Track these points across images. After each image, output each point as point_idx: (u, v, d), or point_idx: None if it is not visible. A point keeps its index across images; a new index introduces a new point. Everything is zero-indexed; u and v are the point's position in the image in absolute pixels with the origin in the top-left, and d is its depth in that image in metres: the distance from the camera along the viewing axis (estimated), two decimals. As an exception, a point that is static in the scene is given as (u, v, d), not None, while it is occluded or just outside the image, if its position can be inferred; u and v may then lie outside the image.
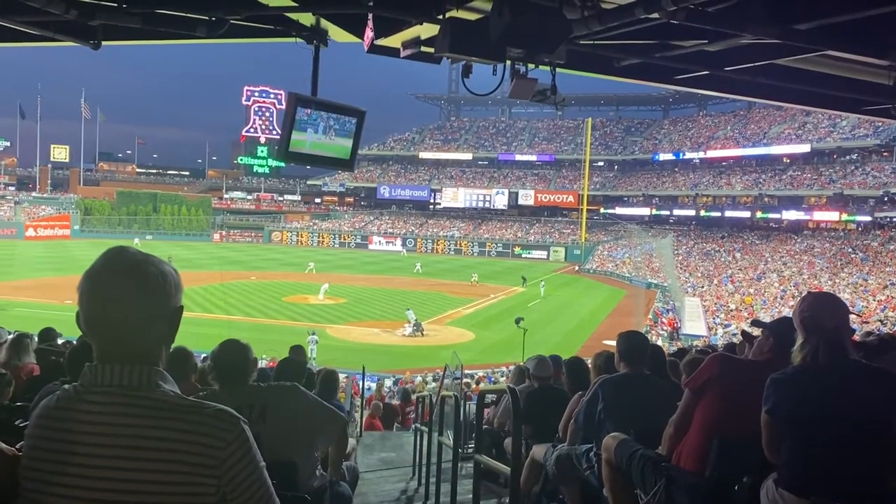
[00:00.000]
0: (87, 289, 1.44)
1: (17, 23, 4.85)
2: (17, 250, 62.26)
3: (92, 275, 1.45)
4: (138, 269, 1.45)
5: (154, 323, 1.46)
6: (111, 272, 1.44)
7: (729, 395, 2.91)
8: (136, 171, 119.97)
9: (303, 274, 53.48)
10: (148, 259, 1.48)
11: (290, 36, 5.26)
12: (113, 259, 1.46)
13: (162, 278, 1.47)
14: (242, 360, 2.98)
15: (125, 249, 1.49)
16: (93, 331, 1.44)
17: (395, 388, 21.33)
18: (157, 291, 1.46)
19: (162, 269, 1.49)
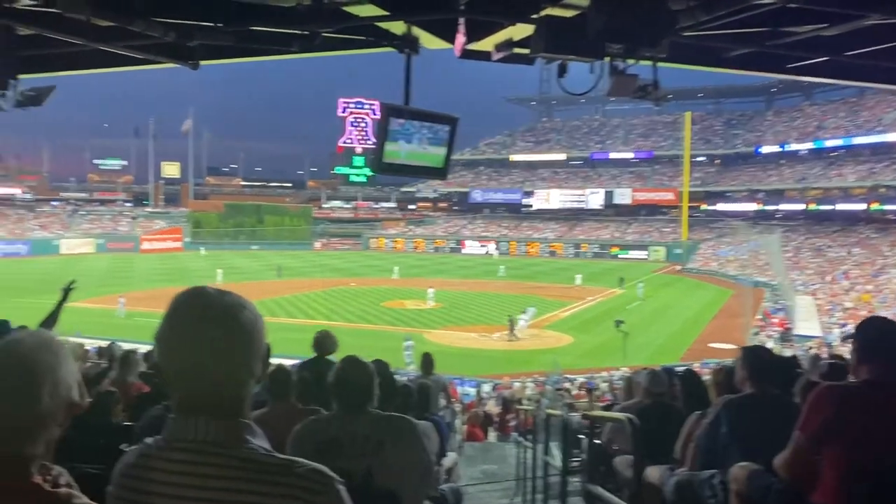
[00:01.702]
0: (170, 337, 1.31)
1: (121, 47, 5.00)
2: (133, 263, 66.11)
3: (176, 321, 1.31)
4: (228, 312, 1.31)
5: (247, 371, 1.33)
6: (198, 317, 1.30)
7: (858, 436, 2.45)
8: (242, 184, 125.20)
9: (401, 279, 54.20)
10: (236, 301, 1.34)
11: (381, 46, 5.18)
12: (198, 302, 1.32)
13: (253, 321, 1.33)
14: (368, 384, 2.79)
15: (206, 291, 1.35)
16: (177, 382, 1.31)
17: (494, 394, 21.16)
18: (250, 336, 1.32)
19: (251, 309, 1.35)
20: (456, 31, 5.17)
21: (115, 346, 6.87)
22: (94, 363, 8.13)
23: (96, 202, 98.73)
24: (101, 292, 43.04)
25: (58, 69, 5.99)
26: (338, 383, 2.76)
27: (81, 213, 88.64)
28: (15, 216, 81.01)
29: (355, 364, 2.83)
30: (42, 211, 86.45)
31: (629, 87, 5.31)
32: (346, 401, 2.74)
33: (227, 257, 72.00)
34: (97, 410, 3.61)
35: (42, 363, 1.31)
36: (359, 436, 2.63)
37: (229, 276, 54.38)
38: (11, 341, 1.34)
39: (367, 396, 2.76)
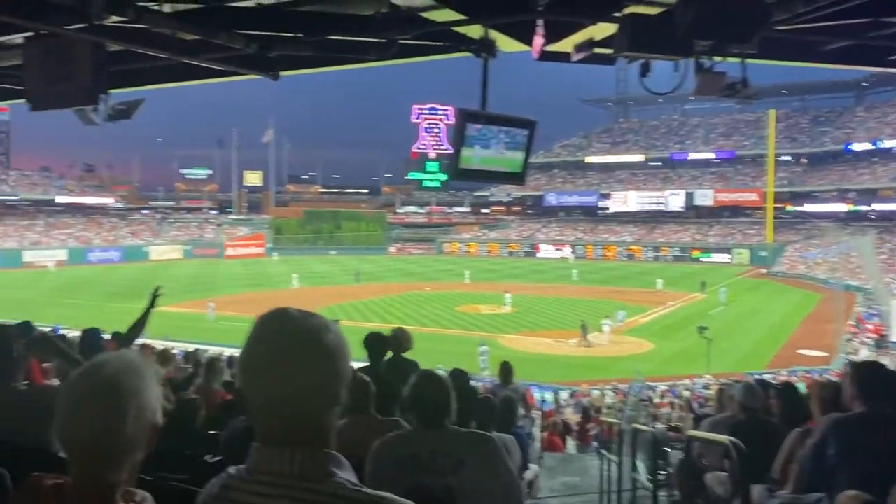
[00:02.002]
0: (252, 363, 1.24)
1: (205, 60, 5.11)
2: (219, 268, 68.42)
3: (257, 346, 1.24)
4: (311, 336, 1.24)
5: (332, 398, 1.25)
6: (280, 342, 1.23)
7: None
8: (320, 191, 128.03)
9: (474, 284, 54.17)
10: (320, 323, 1.27)
11: (458, 51, 5.12)
12: (280, 326, 1.25)
13: (337, 344, 1.26)
14: (445, 399, 2.71)
15: (288, 313, 1.28)
16: (259, 410, 1.25)
17: (571, 401, 20.81)
18: (334, 361, 1.25)
19: (336, 332, 1.28)
20: (534, 32, 5.06)
21: (200, 351, 7.03)
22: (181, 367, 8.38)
23: (183, 210, 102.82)
24: (189, 297, 44.70)
25: (145, 83, 6.19)
26: (415, 399, 2.69)
27: (169, 221, 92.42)
28: (108, 224, 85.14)
29: (432, 379, 2.76)
30: (133, 219, 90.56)
31: (716, 85, 5.08)
32: (424, 417, 2.67)
33: (307, 262, 73.68)
34: (181, 418, 3.67)
35: (127, 387, 1.28)
36: (438, 453, 2.55)
37: (309, 281, 55.60)
38: (96, 364, 1.31)
39: (444, 412, 2.68)
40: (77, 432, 1.25)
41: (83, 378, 1.29)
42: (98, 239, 79.27)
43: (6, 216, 78.64)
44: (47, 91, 4.64)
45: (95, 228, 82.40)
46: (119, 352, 1.36)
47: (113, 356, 1.34)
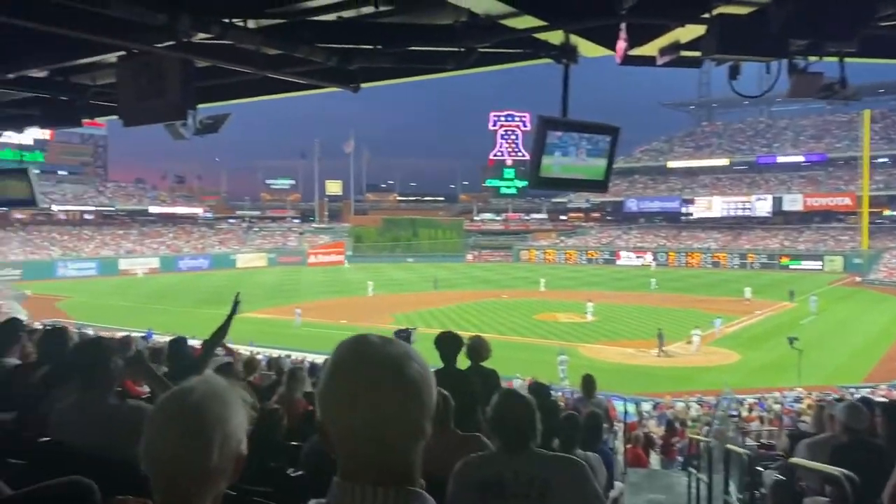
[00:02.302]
0: (331, 393, 1.17)
1: (287, 74, 5.20)
2: (301, 275, 70.14)
3: (336, 376, 1.18)
4: (393, 365, 1.16)
5: (416, 431, 1.18)
6: (360, 372, 1.16)
7: None
8: (398, 199, 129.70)
9: (552, 291, 53.62)
10: (401, 351, 1.19)
11: (538, 57, 5.03)
12: (360, 355, 1.18)
13: (422, 374, 1.18)
14: (530, 420, 2.61)
15: (368, 341, 1.20)
16: (339, 443, 1.17)
17: (655, 413, 20.23)
18: (418, 391, 1.17)
19: (419, 361, 1.20)
20: (617, 37, 4.92)
21: (283, 359, 7.14)
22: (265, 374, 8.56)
23: (268, 219, 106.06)
24: (273, 303, 46.00)
25: (231, 97, 6.36)
26: (498, 419, 2.60)
27: (255, 230, 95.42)
28: (198, 233, 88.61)
29: (516, 399, 2.66)
30: (220, 228, 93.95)
31: (813, 86, 4.81)
32: (508, 438, 2.57)
33: (385, 270, 74.65)
34: (264, 428, 3.70)
35: (213, 415, 1.26)
36: (523, 476, 2.46)
37: (387, 288, 56.29)
38: (183, 390, 1.29)
39: (529, 434, 2.58)
40: (161, 458, 1.24)
41: (169, 403, 1.28)
42: (188, 247, 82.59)
43: (104, 226, 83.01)
44: (139, 107, 4.81)
45: (185, 237, 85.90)
46: (206, 377, 1.33)
47: (199, 382, 1.31)
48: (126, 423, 1.87)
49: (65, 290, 55.63)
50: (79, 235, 78.00)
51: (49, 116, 6.52)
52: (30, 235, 73.74)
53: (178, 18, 3.83)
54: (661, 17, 4.46)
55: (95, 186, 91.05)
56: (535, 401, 2.69)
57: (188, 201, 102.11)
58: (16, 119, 7.31)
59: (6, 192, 8.15)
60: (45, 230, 76.30)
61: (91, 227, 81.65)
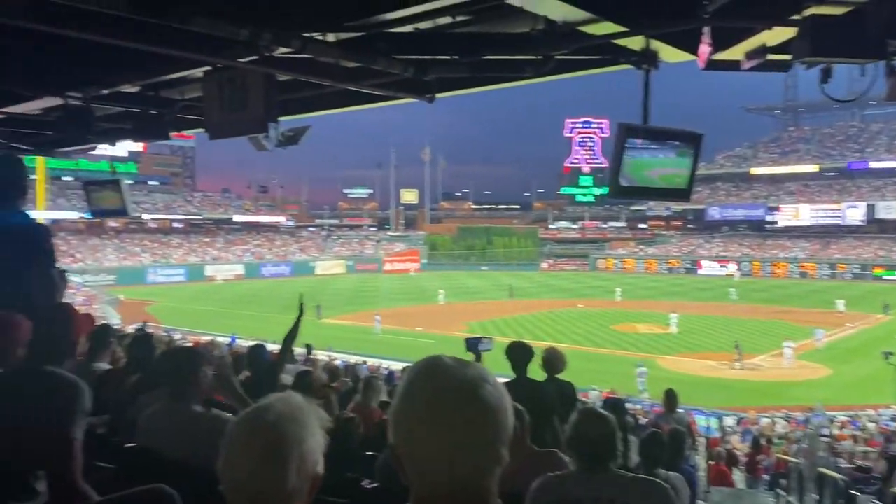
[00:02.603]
0: (403, 417, 1.14)
1: (365, 86, 5.26)
2: (378, 282, 71.15)
3: (409, 399, 1.14)
4: (467, 388, 1.12)
5: (491, 457, 1.13)
6: (433, 395, 1.12)
7: None
8: (472, 207, 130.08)
9: (628, 301, 52.56)
10: (476, 374, 1.14)
11: (617, 64, 4.92)
12: (433, 377, 1.14)
13: (497, 397, 1.13)
14: (610, 441, 2.53)
15: (442, 363, 1.16)
16: (414, 470, 1.14)
17: (738, 429, 19.48)
18: (494, 416, 1.12)
19: (494, 383, 1.15)
20: (699, 41, 4.77)
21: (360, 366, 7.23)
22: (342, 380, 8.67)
23: (346, 227, 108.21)
24: (351, 309, 46.81)
25: (311, 110, 6.49)
26: (576, 439, 2.52)
27: (333, 238, 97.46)
28: (280, 241, 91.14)
29: (594, 417, 2.57)
30: (301, 236, 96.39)
31: (914, 88, 4.54)
32: (587, 459, 2.49)
33: (459, 277, 74.85)
34: (339, 437, 3.71)
35: (290, 435, 1.25)
36: (603, 499, 2.37)
37: (462, 296, 56.40)
38: (259, 409, 1.29)
39: (609, 454, 2.49)
40: (238, 478, 1.24)
41: (247, 422, 1.28)
42: (270, 254, 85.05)
43: (191, 234, 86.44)
44: (223, 120, 4.96)
45: (268, 245, 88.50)
46: (284, 395, 1.33)
47: (277, 400, 1.31)
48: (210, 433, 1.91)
49: (155, 295, 58.16)
50: (168, 243, 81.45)
51: (140, 130, 6.81)
52: (123, 243, 77.49)
53: (260, 34, 3.93)
54: (746, 19, 4.29)
55: (184, 196, 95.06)
56: (615, 420, 2.59)
57: (271, 210, 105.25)
58: (110, 133, 7.67)
59: (100, 202, 8.56)
60: (137, 238, 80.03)
61: (180, 235, 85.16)
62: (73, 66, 5.28)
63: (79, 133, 6.43)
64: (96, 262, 69.14)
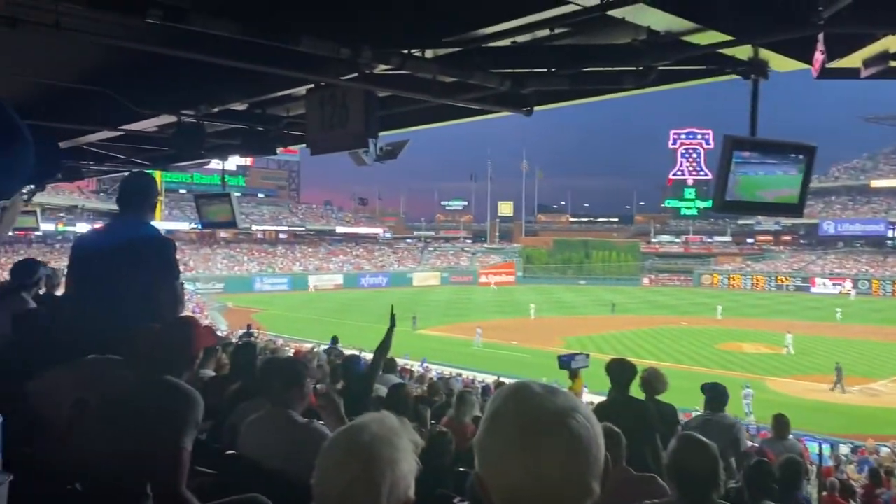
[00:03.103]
0: (489, 446, 1.10)
1: (461, 100, 5.29)
2: (473, 295, 71.34)
3: (496, 428, 1.10)
4: (557, 418, 1.08)
5: (582, 491, 1.08)
6: (521, 425, 1.07)
7: None
8: (570, 220, 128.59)
9: (735, 320, 50.45)
10: (567, 404, 1.10)
11: (723, 74, 4.73)
12: (521, 405, 1.10)
13: (588, 428, 1.09)
14: (712, 470, 2.40)
15: (530, 391, 1.12)
16: (503, 500, 1.09)
17: (854, 458, 18.23)
18: (585, 448, 1.08)
19: (585, 413, 1.11)
20: (813, 49, 4.52)
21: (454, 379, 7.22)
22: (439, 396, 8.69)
23: (442, 239, 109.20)
24: (446, 321, 47.14)
25: (409, 125, 6.59)
26: (677, 467, 2.40)
27: (429, 250, 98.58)
28: (378, 252, 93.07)
29: (695, 445, 2.45)
30: (398, 248, 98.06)
31: None
32: (687, 488, 2.37)
33: (555, 291, 74.01)
34: (431, 452, 3.70)
35: (384, 458, 1.24)
36: None
37: (558, 310, 55.72)
38: (354, 429, 1.29)
39: (711, 484, 2.36)
40: (329, 495, 1.24)
41: (341, 442, 1.29)
42: (369, 265, 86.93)
43: (295, 244, 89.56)
44: (324, 136, 5.10)
45: (367, 256, 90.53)
46: (380, 416, 1.33)
47: (373, 421, 1.31)
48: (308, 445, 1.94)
49: (260, 303, 60.51)
50: (273, 253, 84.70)
51: (248, 145, 7.11)
52: (232, 252, 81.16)
53: (361, 52, 4.02)
54: (865, 25, 4.03)
55: (289, 208, 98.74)
56: (717, 448, 2.46)
57: (370, 222, 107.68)
58: (220, 148, 8.06)
59: (212, 214, 9.01)
60: (244, 248, 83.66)
61: (284, 246, 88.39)
62: (186, 85, 5.58)
63: (192, 149, 6.78)
64: (207, 270, 72.70)
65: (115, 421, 2.35)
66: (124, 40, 4.10)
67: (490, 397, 1.18)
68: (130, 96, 5.78)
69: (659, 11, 3.65)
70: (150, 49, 4.28)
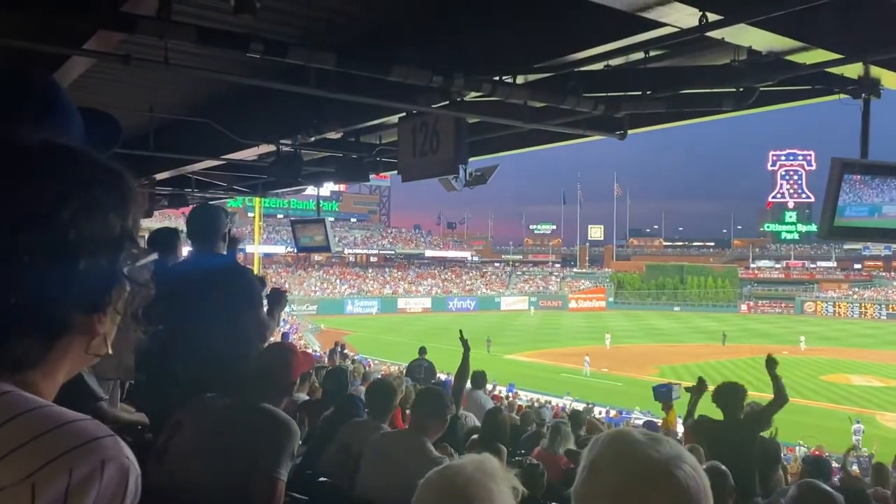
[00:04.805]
0: (590, 495, 1.04)
1: (553, 125, 5.25)
2: (562, 320, 70.32)
3: (594, 478, 1.04)
4: (662, 470, 1.01)
5: None
6: (625, 476, 1.01)
7: None
8: (663, 244, 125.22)
9: (843, 350, 47.61)
10: (672, 454, 1.03)
11: (831, 94, 4.50)
12: (623, 454, 1.04)
13: (696, 479, 1.02)
14: None
15: (632, 438, 1.06)
16: None
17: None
18: (698, 502, 1.01)
19: (693, 464, 1.04)
20: (932, 64, 4.25)
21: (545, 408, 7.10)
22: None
23: (530, 263, 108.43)
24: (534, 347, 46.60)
25: (498, 150, 6.59)
26: None
27: (518, 274, 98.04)
28: (466, 276, 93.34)
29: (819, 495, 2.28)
30: (486, 271, 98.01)
31: None
32: None
33: (648, 317, 71.98)
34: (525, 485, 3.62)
35: (476, 498, 1.22)
36: None
37: (652, 338, 54.08)
38: (451, 470, 1.28)
39: None
40: None
41: (437, 482, 1.27)
42: (457, 289, 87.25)
43: (385, 267, 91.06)
44: (416, 163, 5.16)
45: (455, 279, 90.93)
46: (479, 459, 1.31)
47: (471, 463, 1.29)
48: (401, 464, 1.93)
49: (351, 325, 61.61)
50: (364, 276, 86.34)
51: (342, 172, 7.30)
52: (325, 275, 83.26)
53: (452, 80, 4.05)
54: None
55: (380, 232, 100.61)
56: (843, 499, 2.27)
57: (458, 246, 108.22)
58: (316, 175, 8.30)
59: (307, 239, 9.28)
60: (337, 271, 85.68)
61: (375, 269, 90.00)
62: (285, 116, 5.79)
63: (289, 176, 7.01)
64: (302, 292, 74.82)
65: (210, 445, 2.40)
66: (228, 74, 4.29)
67: (589, 444, 1.12)
68: (233, 127, 6.04)
69: (761, 31, 3.51)
70: (251, 83, 4.46)
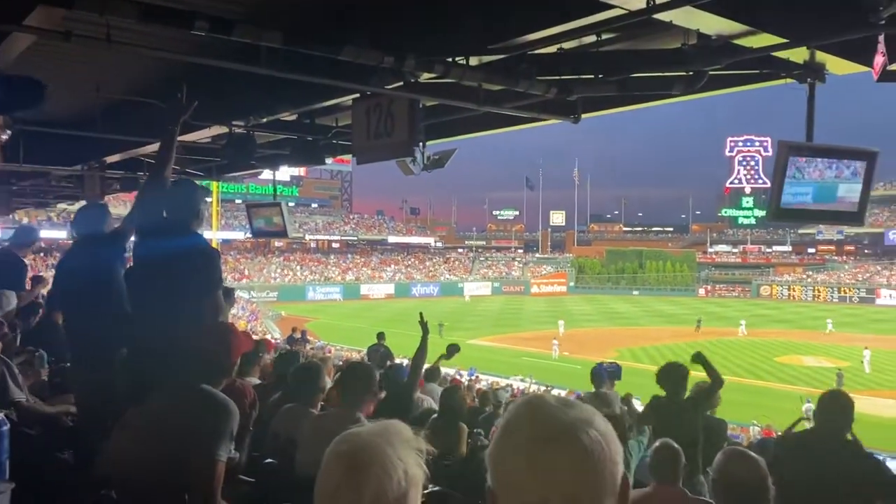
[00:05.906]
0: (501, 460, 1.05)
1: (508, 108, 5.26)
2: (524, 305, 70.91)
3: (507, 441, 1.05)
4: (569, 432, 1.02)
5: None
6: (532, 438, 1.03)
7: None
8: (623, 229, 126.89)
9: (798, 332, 48.93)
10: (580, 416, 1.05)
11: (778, 78, 4.58)
12: (532, 418, 1.06)
13: (601, 443, 1.03)
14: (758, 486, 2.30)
15: (543, 403, 1.08)
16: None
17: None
18: (598, 464, 1.02)
19: (600, 427, 1.05)
20: (874, 50, 4.34)
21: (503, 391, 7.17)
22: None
23: (493, 249, 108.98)
24: (496, 331, 46.94)
25: (456, 133, 6.59)
26: (723, 482, 2.31)
27: (481, 260, 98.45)
28: (429, 262, 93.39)
29: (742, 459, 2.35)
30: (450, 257, 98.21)
31: None
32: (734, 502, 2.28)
33: (608, 302, 72.98)
34: (476, 464, 3.66)
35: (374, 464, 1.22)
36: None
37: (612, 321, 54.91)
38: (347, 435, 1.26)
39: (759, 500, 2.26)
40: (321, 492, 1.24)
41: (332, 450, 1.26)
42: (420, 275, 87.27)
43: (347, 253, 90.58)
44: (370, 146, 5.13)
45: (419, 265, 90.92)
46: (380, 424, 1.30)
47: (367, 428, 1.28)
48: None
49: (313, 311, 61.25)
50: (326, 262, 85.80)
51: (297, 155, 7.21)
52: (286, 262, 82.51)
53: (404, 60, 4.02)
54: (932, 23, 3.84)
55: (342, 217, 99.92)
56: (764, 461, 2.35)
57: (422, 232, 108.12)
58: (271, 158, 8.20)
59: (263, 223, 9.16)
60: (298, 257, 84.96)
61: (337, 255, 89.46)
62: (236, 96, 5.68)
63: (242, 159, 6.91)
64: (262, 278, 74.04)
65: (151, 428, 2.37)
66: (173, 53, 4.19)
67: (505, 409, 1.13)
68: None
69: (708, 14, 3.55)
70: (199, 61, 4.37)
